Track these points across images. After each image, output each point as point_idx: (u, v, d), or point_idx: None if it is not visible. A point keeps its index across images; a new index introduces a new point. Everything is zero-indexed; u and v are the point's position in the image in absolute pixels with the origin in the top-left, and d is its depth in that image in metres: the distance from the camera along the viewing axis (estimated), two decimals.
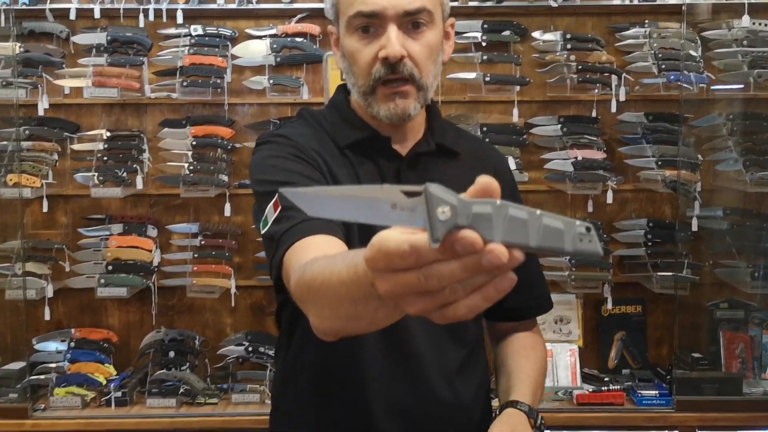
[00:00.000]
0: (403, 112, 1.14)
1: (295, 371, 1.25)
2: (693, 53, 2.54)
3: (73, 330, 2.65)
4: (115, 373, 2.58)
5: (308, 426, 1.23)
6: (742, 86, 2.60)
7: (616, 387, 2.48)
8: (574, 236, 0.54)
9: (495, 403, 1.32)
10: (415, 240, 0.55)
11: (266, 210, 1.10)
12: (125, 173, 2.56)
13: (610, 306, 2.65)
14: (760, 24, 2.57)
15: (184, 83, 2.53)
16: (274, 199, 1.09)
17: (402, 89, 1.13)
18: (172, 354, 2.59)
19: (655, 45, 2.59)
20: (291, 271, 0.99)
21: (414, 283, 0.56)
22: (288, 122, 1.30)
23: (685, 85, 2.50)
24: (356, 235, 1.14)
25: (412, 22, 1.12)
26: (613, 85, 2.56)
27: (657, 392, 2.46)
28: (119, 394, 2.48)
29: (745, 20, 2.53)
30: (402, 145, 1.23)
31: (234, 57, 2.60)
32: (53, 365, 2.55)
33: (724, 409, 2.42)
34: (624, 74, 2.58)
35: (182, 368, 2.56)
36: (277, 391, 1.31)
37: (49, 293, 2.58)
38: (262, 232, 1.11)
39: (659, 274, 2.59)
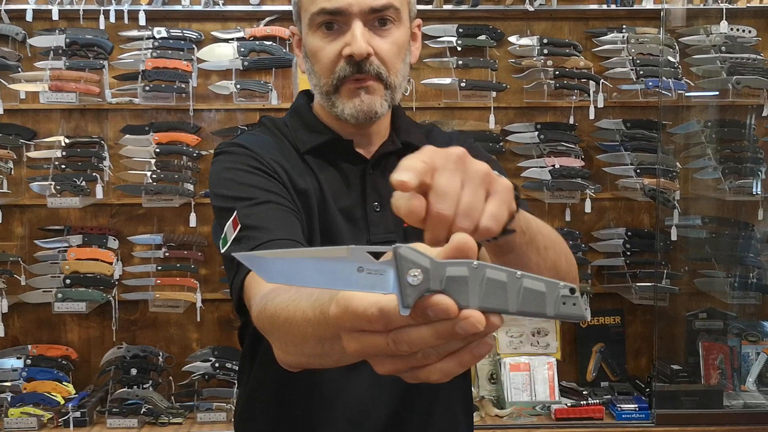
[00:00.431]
0: (369, 109, 1.08)
1: (258, 393, 1.19)
2: (671, 59, 2.49)
3: (29, 346, 2.52)
4: (74, 391, 2.46)
5: None
6: (717, 93, 2.56)
7: (595, 401, 2.43)
8: (557, 299, 0.52)
9: (477, 418, 1.23)
10: (384, 303, 0.52)
11: (225, 227, 1.04)
12: (84, 182, 2.44)
13: (588, 317, 2.59)
14: (738, 30, 2.53)
15: (147, 88, 2.42)
16: (233, 216, 1.03)
17: (368, 84, 1.07)
18: (134, 371, 2.48)
19: (633, 51, 2.54)
20: (252, 299, 0.93)
21: (383, 347, 0.53)
22: (248, 131, 1.21)
23: (664, 92, 2.46)
24: None
25: (378, 18, 1.07)
26: (591, 92, 2.51)
27: (636, 406, 2.41)
28: (78, 414, 2.36)
29: (723, 26, 2.49)
30: (367, 150, 1.17)
31: (200, 61, 2.50)
32: (8, 384, 2.43)
33: (705, 423, 2.38)
34: (602, 80, 2.53)
35: (145, 386, 2.45)
36: (240, 411, 1.25)
37: (4, 308, 2.45)
38: (222, 251, 1.04)
39: (638, 284, 2.55)
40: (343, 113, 1.09)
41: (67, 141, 2.52)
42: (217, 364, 2.46)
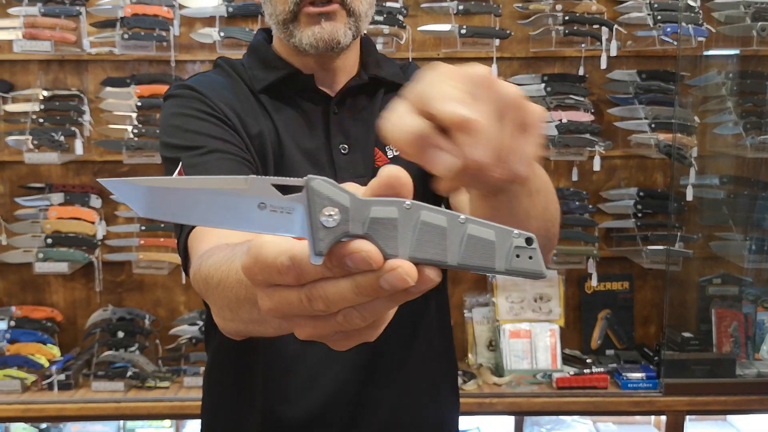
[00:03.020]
0: (330, 37, 0.96)
1: (221, 358, 1.12)
2: (692, 3, 2.29)
3: (13, 308, 2.45)
4: (59, 354, 2.39)
5: (232, 419, 1.10)
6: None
7: (599, 369, 2.31)
8: (509, 251, 0.43)
9: (474, 386, 1.13)
10: (298, 251, 0.43)
11: None
12: (63, 137, 2.32)
13: (594, 282, 2.46)
14: None
15: (125, 36, 2.27)
16: (178, 167, 0.93)
17: (328, 9, 0.96)
18: (120, 334, 2.41)
19: None
20: (191, 258, 0.85)
21: (297, 305, 0.44)
22: (200, 72, 1.09)
23: (683, 40, 2.26)
24: None
25: None
26: (603, 39, 2.32)
27: (643, 375, 2.29)
28: (62, 377, 2.29)
29: None
30: (331, 89, 1.05)
31: (181, 7, 2.34)
32: None
33: (716, 392, 2.26)
34: (615, 26, 2.33)
35: (131, 349, 2.38)
36: (207, 376, 1.17)
37: None
38: None
39: (649, 247, 2.40)
40: (301, 43, 0.98)
41: (45, 94, 2.39)
42: (203, 328, 2.36)
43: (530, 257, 0.43)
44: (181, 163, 0.93)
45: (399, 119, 0.49)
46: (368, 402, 1.05)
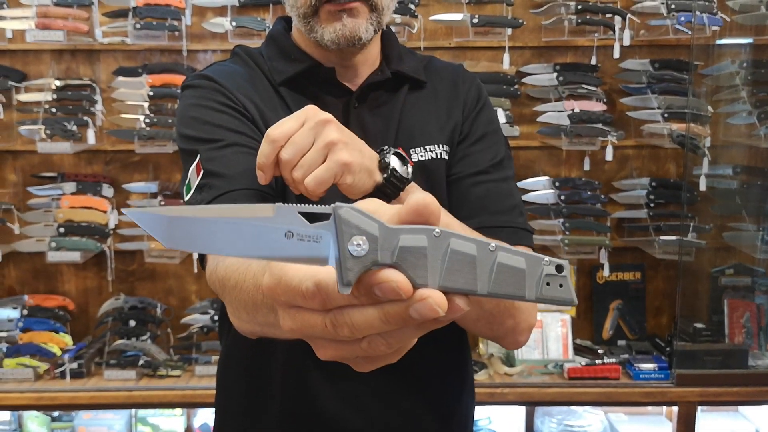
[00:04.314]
0: (351, 34, 0.95)
1: (235, 350, 1.11)
2: None
3: (26, 297, 2.46)
4: (71, 343, 2.41)
5: (248, 414, 1.09)
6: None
7: (611, 360, 2.30)
8: (540, 279, 0.42)
9: (485, 376, 1.12)
10: (323, 277, 0.42)
11: (189, 172, 0.94)
12: (75, 126, 2.32)
13: (606, 272, 2.45)
14: None
15: (137, 26, 2.27)
16: (197, 160, 0.93)
17: (350, 6, 0.94)
18: (132, 323, 2.41)
19: None
20: (208, 258, 0.85)
21: (321, 329, 0.44)
22: (219, 61, 1.08)
23: (697, 29, 2.24)
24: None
25: None
26: (617, 28, 2.30)
27: (655, 365, 2.28)
28: (75, 365, 2.30)
29: None
30: (353, 83, 1.03)
31: None
32: (4, 334, 2.38)
33: (728, 383, 2.25)
34: (629, 15, 2.31)
35: (143, 338, 2.39)
36: (221, 368, 1.16)
37: None
38: (185, 199, 0.94)
39: (662, 238, 2.38)
40: (322, 39, 0.96)
41: (57, 84, 2.40)
42: (216, 317, 2.37)
43: (561, 285, 0.43)
44: (198, 156, 0.92)
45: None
46: (389, 397, 1.03)
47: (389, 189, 0.85)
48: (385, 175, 0.84)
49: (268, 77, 1.02)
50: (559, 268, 0.43)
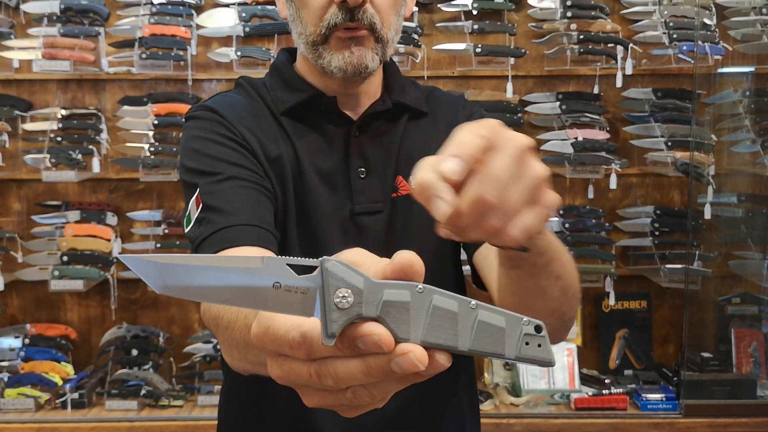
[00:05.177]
0: (359, 62, 0.96)
1: (238, 382, 1.10)
2: (708, 22, 2.29)
3: (28, 326, 2.45)
4: (72, 372, 2.39)
5: None
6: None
7: (618, 390, 2.27)
8: (519, 338, 0.44)
9: (491, 406, 1.10)
10: (308, 328, 0.44)
11: (189, 205, 0.94)
12: (80, 155, 2.33)
13: (612, 301, 2.43)
14: None
15: (143, 56, 2.29)
16: (196, 193, 0.94)
17: (359, 34, 0.96)
18: (134, 352, 2.40)
19: (666, 13, 2.34)
20: None
21: (306, 378, 0.45)
22: (222, 92, 1.09)
23: (699, 58, 2.26)
24: (296, 244, 0.98)
25: None
26: (619, 58, 2.32)
27: (663, 396, 2.25)
28: (76, 395, 2.28)
29: None
30: (354, 112, 1.04)
31: (199, 27, 2.37)
32: (5, 364, 2.36)
33: (736, 414, 2.22)
34: (631, 45, 2.33)
35: (145, 367, 2.37)
36: (223, 401, 1.15)
37: (0, 286, 2.37)
38: (185, 231, 0.94)
39: (667, 266, 2.37)
40: (330, 65, 0.97)
41: (63, 113, 2.41)
42: (218, 346, 2.36)
43: (539, 345, 0.43)
44: (198, 190, 0.93)
45: (419, 169, 0.53)
46: (394, 428, 1.03)
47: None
48: None
49: (270, 107, 1.03)
50: (538, 329, 0.44)
